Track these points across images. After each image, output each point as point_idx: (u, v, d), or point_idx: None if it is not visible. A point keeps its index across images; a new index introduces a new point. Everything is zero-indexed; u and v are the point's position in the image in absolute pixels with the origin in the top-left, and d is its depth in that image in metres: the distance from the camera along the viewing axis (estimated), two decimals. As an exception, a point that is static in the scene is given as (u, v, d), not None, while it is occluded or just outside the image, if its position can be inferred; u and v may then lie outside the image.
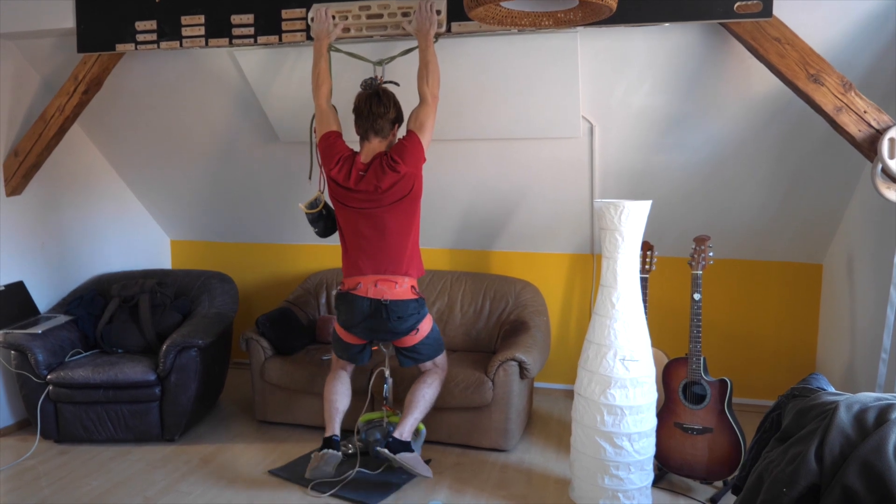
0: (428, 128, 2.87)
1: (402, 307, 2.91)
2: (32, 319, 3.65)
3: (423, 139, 2.86)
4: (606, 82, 3.17)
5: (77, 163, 4.12)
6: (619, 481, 2.71)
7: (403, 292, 2.92)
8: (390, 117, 2.89)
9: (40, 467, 3.28)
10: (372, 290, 2.90)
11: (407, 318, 2.94)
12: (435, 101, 2.86)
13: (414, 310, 2.95)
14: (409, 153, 2.83)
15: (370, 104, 2.86)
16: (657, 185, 3.58)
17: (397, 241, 2.91)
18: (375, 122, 2.86)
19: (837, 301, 3.54)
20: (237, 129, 3.87)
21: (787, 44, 2.62)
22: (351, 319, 2.97)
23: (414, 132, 2.86)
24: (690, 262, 3.00)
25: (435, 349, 3.11)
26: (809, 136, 3.16)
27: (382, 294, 2.89)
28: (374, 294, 2.90)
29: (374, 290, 2.90)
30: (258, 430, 3.69)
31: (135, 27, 3.20)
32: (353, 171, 2.87)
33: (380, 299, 2.89)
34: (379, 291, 2.89)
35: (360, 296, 2.92)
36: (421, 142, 2.85)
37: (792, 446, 1.47)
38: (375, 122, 2.86)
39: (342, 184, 2.88)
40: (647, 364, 2.72)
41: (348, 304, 2.96)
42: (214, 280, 4.09)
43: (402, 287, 2.92)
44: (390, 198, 2.86)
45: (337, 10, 2.91)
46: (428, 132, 2.88)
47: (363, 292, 2.91)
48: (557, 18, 2.53)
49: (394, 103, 2.92)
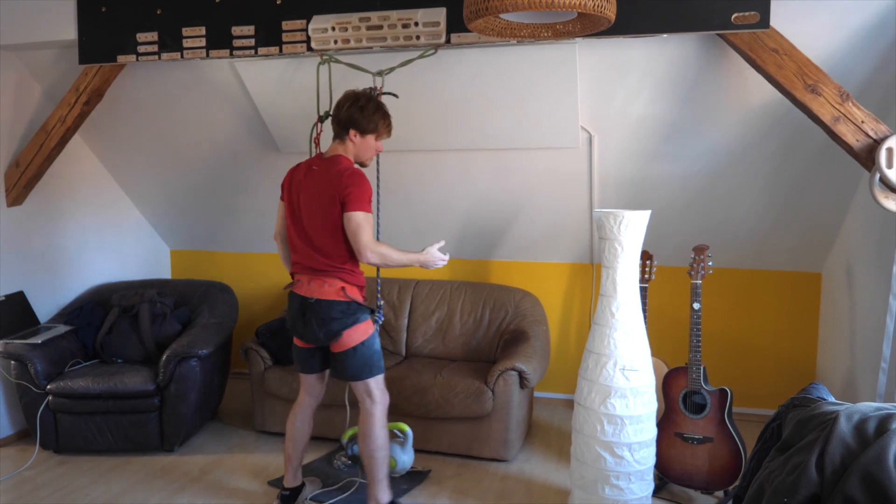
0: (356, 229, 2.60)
1: (323, 309, 2.66)
2: (32, 329, 3.65)
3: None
4: (605, 92, 3.18)
5: (78, 173, 4.13)
6: (619, 491, 2.70)
7: (330, 292, 2.66)
8: (341, 119, 2.70)
9: (40, 478, 3.27)
10: (305, 288, 2.72)
11: (325, 322, 2.65)
12: (365, 250, 2.57)
13: (338, 313, 2.66)
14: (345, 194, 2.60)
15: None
16: (656, 195, 3.59)
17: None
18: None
19: (837, 310, 3.54)
20: (237, 139, 3.89)
21: (784, 54, 2.63)
22: (289, 319, 2.82)
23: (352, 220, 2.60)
24: (690, 271, 3.00)
25: (357, 368, 2.69)
26: (807, 146, 3.18)
27: (311, 292, 2.68)
28: (305, 292, 2.71)
29: (307, 287, 2.71)
30: (258, 441, 3.68)
31: (136, 38, 3.21)
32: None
33: (308, 297, 2.69)
34: (310, 290, 2.69)
35: (294, 293, 2.76)
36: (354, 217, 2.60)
37: (792, 456, 1.47)
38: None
39: None
40: (647, 374, 2.72)
41: (289, 301, 2.83)
42: (214, 290, 4.09)
43: (330, 287, 2.66)
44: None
45: (337, 21, 2.93)
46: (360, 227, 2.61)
47: (298, 289, 2.75)
48: (556, 30, 2.55)
49: (348, 105, 2.69)
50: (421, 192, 3.91)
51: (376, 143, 2.75)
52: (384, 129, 2.76)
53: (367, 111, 2.68)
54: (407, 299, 4.03)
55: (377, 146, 2.76)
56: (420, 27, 2.84)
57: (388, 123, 2.76)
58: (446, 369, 3.57)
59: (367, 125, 2.69)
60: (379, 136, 2.75)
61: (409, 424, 3.42)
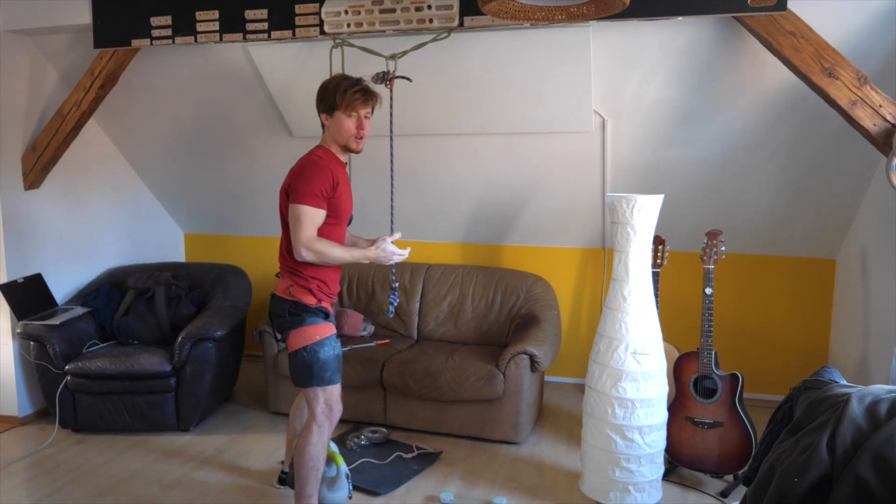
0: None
1: (273, 304, 2.57)
2: (50, 311, 3.71)
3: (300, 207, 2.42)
4: (619, 76, 3.17)
5: (93, 157, 4.17)
6: (629, 474, 2.72)
7: (281, 287, 2.56)
8: (316, 109, 2.55)
9: (59, 455, 3.33)
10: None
11: (275, 318, 2.56)
12: (298, 246, 2.40)
13: (282, 311, 2.52)
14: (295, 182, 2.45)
15: None
16: (669, 179, 3.57)
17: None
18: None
19: (851, 296, 3.52)
20: (250, 123, 3.90)
21: (801, 37, 2.61)
22: None
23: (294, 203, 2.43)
24: (702, 256, 3.00)
25: (298, 373, 2.52)
26: (823, 130, 3.15)
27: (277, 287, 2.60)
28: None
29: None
30: (271, 422, 3.73)
31: (150, 23, 3.23)
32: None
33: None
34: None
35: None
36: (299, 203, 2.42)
37: (803, 437, 1.48)
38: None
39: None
40: (659, 357, 2.73)
41: None
42: (228, 273, 4.13)
43: (282, 283, 2.56)
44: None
45: (350, 4, 2.92)
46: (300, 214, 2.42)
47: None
48: (570, 13, 2.53)
49: (317, 93, 2.53)
50: (433, 176, 3.92)
51: (351, 119, 2.45)
52: (352, 99, 2.43)
53: (328, 89, 2.46)
54: (419, 283, 4.05)
55: (355, 123, 2.46)
56: (433, 10, 2.84)
57: (354, 91, 2.44)
58: (458, 353, 3.59)
59: (329, 101, 2.45)
60: (349, 108, 2.44)
61: (420, 407, 3.47)
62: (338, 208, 2.49)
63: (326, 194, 2.42)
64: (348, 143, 2.50)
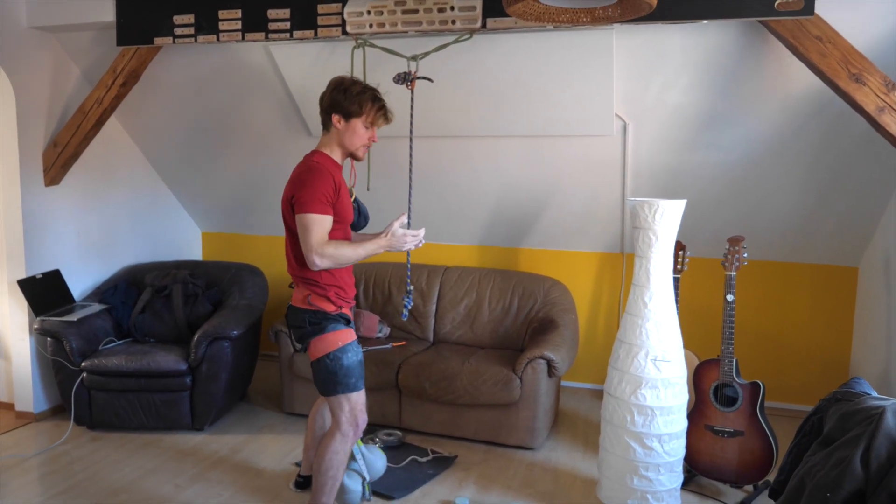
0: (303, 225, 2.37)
1: (291, 315, 2.55)
2: (68, 307, 3.72)
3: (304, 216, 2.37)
4: (641, 80, 3.14)
5: (113, 154, 4.19)
6: (647, 482, 2.68)
7: (298, 298, 2.52)
8: (324, 105, 2.48)
9: (73, 452, 3.34)
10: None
11: (294, 330, 2.54)
12: (309, 254, 2.35)
13: (302, 322, 2.49)
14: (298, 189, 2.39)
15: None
16: (690, 185, 3.54)
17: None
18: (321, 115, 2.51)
19: (874, 306, 3.47)
20: (270, 122, 3.91)
21: (828, 42, 2.57)
22: None
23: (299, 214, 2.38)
24: (724, 262, 2.96)
25: (322, 381, 2.48)
26: (848, 135, 3.10)
27: (292, 297, 2.56)
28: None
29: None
30: (286, 422, 3.72)
31: (173, 21, 3.24)
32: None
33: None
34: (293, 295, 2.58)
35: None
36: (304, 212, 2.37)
37: (836, 451, 1.44)
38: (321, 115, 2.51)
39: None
40: (679, 365, 2.69)
41: None
42: (245, 272, 4.13)
43: (299, 293, 2.52)
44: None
45: (372, 4, 2.91)
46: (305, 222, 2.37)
47: None
48: (596, 15, 2.51)
49: (331, 89, 2.47)
50: (451, 178, 3.90)
51: (367, 131, 2.45)
52: (374, 112, 2.44)
53: (351, 93, 2.41)
54: (436, 285, 4.03)
55: (369, 134, 2.47)
56: (456, 11, 2.82)
57: (380, 107, 2.45)
58: (474, 356, 3.57)
59: (350, 107, 2.41)
60: (368, 120, 2.44)
61: (436, 411, 3.45)
62: (341, 212, 2.47)
63: (331, 199, 2.39)
64: (356, 151, 2.50)
